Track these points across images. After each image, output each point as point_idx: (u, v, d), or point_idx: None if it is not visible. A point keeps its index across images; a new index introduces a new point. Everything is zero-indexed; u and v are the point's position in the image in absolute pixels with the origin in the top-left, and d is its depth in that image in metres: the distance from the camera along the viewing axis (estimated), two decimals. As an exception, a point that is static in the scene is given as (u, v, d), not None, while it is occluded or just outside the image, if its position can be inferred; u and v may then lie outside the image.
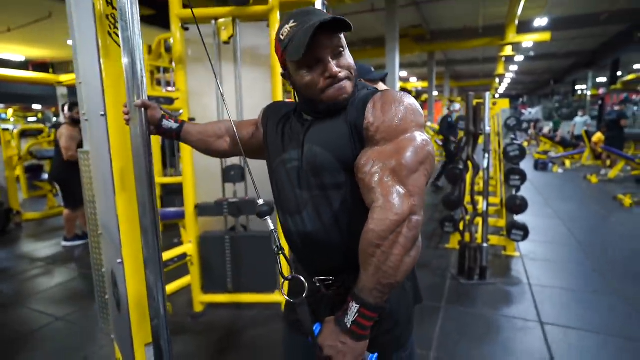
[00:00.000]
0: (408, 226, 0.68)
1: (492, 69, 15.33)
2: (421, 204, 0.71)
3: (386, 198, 0.70)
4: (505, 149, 3.22)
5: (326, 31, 0.77)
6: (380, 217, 0.69)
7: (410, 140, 0.74)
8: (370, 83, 2.01)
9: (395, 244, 0.68)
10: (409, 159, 0.72)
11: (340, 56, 0.82)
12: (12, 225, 4.64)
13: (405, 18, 10.32)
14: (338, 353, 0.75)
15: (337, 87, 0.82)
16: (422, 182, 0.72)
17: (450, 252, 3.60)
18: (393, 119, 0.76)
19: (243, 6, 2.16)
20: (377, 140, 0.77)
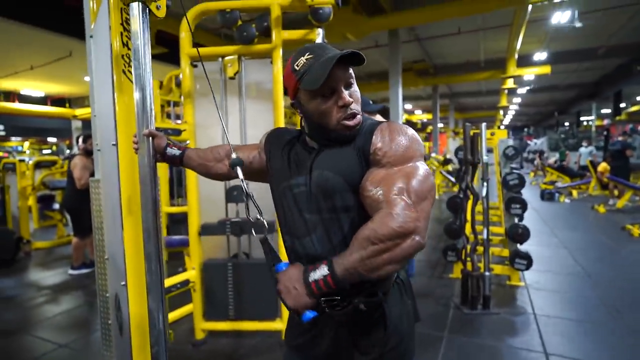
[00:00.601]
0: (410, 243, 0.73)
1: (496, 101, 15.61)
2: (425, 230, 0.76)
3: (394, 209, 0.75)
4: (505, 178, 3.27)
5: (341, 64, 0.85)
6: (384, 222, 0.74)
7: (417, 169, 0.81)
8: (368, 114, 2.11)
9: (389, 251, 0.74)
10: (418, 186, 0.78)
11: (351, 87, 0.90)
12: (21, 254, 4.72)
13: (409, 53, 10.70)
14: (287, 293, 0.82)
15: (354, 121, 0.90)
16: (428, 209, 0.78)
17: (453, 281, 3.57)
18: (400, 146, 0.84)
19: (248, 44, 2.32)
20: (383, 164, 0.84)
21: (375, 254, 0.75)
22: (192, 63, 2.37)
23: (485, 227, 2.95)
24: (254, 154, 1.17)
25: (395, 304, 0.98)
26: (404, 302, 1.01)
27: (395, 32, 8.50)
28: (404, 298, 1.02)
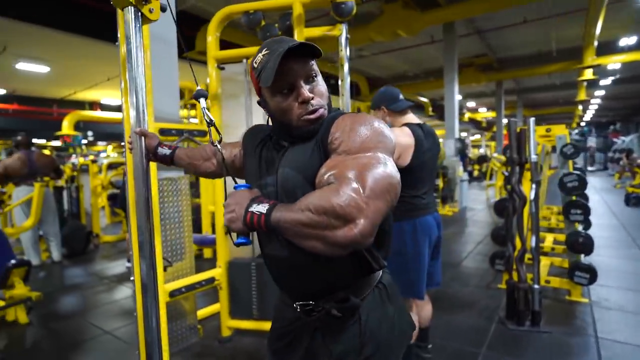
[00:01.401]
0: (346, 232, 0.62)
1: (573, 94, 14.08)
2: (368, 229, 0.63)
3: (341, 187, 0.65)
4: (562, 180, 2.89)
5: (297, 57, 0.81)
6: (327, 195, 0.65)
7: (376, 161, 0.70)
8: (395, 115, 1.98)
9: (320, 228, 0.64)
10: (372, 181, 0.67)
11: (313, 82, 0.85)
12: (91, 246, 5.26)
13: (468, 47, 10.08)
14: (228, 211, 0.76)
15: (315, 115, 0.84)
16: (379, 211, 0.66)
17: (502, 292, 3.24)
18: (360, 135, 0.76)
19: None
20: (339, 152, 0.76)
21: (308, 225, 0.65)
22: (218, 66, 2.43)
23: (534, 234, 2.63)
24: (235, 151, 1.16)
25: (374, 310, 0.90)
26: (385, 309, 0.92)
27: (451, 25, 8.06)
28: (386, 305, 0.92)
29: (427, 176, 1.93)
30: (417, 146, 1.83)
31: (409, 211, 1.89)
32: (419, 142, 1.84)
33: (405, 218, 1.88)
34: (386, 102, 1.97)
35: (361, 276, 0.89)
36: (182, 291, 2.21)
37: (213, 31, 2.38)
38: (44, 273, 4.31)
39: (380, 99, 2.00)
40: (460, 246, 5.10)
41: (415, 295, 1.88)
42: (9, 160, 4.33)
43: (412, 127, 1.87)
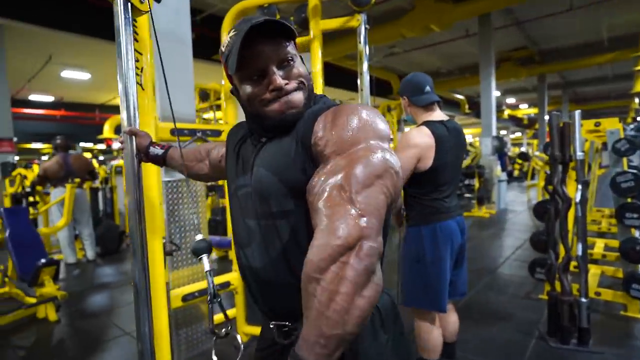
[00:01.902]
0: (358, 255, 0.51)
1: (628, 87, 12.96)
2: (377, 227, 0.54)
3: (330, 219, 0.55)
4: (614, 180, 2.57)
5: (267, 39, 0.70)
6: (320, 243, 0.54)
7: (365, 151, 0.60)
8: (417, 109, 1.80)
9: (340, 279, 0.51)
10: (360, 171, 0.57)
11: (288, 66, 0.73)
12: (124, 245, 5.41)
13: (506, 40, 9.54)
14: None
15: (283, 101, 0.72)
16: (379, 200, 0.56)
17: (543, 304, 2.94)
18: (346, 128, 0.64)
19: (286, 39, 2.22)
20: (327, 156, 0.64)
21: (329, 294, 0.51)
22: (234, 63, 2.36)
23: (580, 241, 2.35)
24: (223, 151, 1.06)
25: (363, 337, 0.74)
26: (376, 336, 0.76)
27: (487, 17, 7.64)
28: (378, 332, 0.77)
29: (450, 177, 1.75)
30: (438, 146, 1.67)
31: (429, 215, 1.72)
32: (440, 142, 1.67)
33: (425, 222, 1.72)
34: (409, 92, 1.80)
35: None
36: (196, 295, 2.15)
37: (227, 27, 2.31)
38: (78, 271, 4.46)
39: (404, 87, 1.83)
40: (496, 251, 4.76)
41: (436, 307, 1.71)
42: (48, 163, 4.52)
43: (432, 126, 1.70)
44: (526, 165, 12.69)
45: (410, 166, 1.66)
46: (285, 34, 0.72)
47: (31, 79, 9.54)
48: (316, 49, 2.15)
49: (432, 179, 1.70)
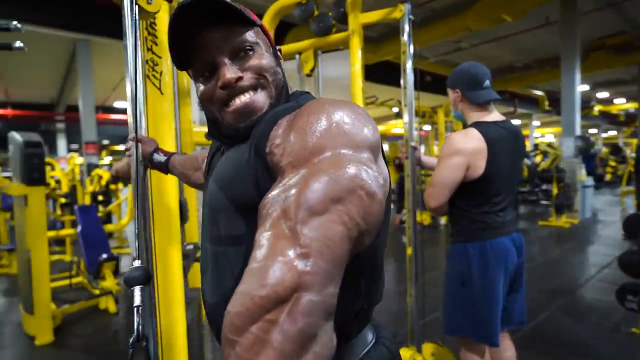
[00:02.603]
0: (291, 312, 0.35)
1: None
2: (325, 272, 0.37)
3: (263, 257, 0.39)
4: None
5: (218, 25, 0.58)
6: (242, 291, 0.37)
7: (328, 163, 0.43)
8: (471, 105, 1.55)
9: (261, 345, 0.34)
10: (313, 192, 0.40)
11: (245, 57, 0.59)
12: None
13: (597, 26, 8.38)
14: None
15: (237, 105, 0.59)
16: (333, 233, 0.39)
17: (635, 339, 2.44)
18: (306, 134, 0.47)
19: (324, 36, 2.09)
20: (283, 169, 0.48)
21: (245, 356, 0.35)
22: (273, 64, 2.30)
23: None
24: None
25: None
26: None
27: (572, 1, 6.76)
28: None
29: (505, 187, 1.48)
30: (491, 150, 1.42)
31: (478, 230, 1.48)
32: (494, 146, 1.42)
33: (473, 239, 1.48)
34: (464, 85, 1.54)
35: None
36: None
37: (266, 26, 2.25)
38: (143, 265, 4.79)
39: (458, 78, 1.58)
40: (576, 269, 4.14)
41: (486, 339, 1.45)
42: (120, 164, 4.93)
43: (483, 128, 1.46)
44: (621, 168, 11.07)
45: (456, 177, 1.44)
46: (238, 17, 0.58)
47: (115, 87, 10.61)
48: (355, 46, 1.99)
49: (483, 189, 1.46)
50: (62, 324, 2.95)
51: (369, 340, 0.63)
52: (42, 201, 2.72)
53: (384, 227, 0.58)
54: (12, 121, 11.40)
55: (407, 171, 1.92)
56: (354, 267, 0.54)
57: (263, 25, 0.63)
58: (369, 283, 0.59)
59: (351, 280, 0.55)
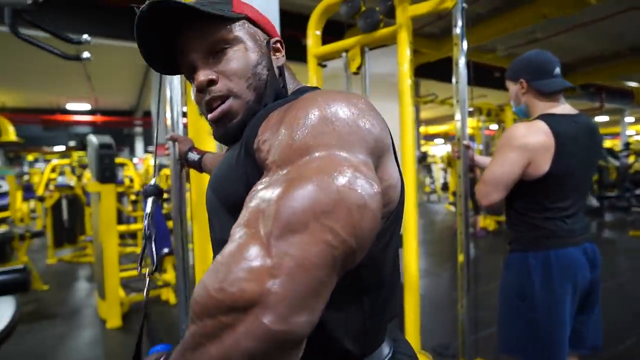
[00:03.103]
0: (249, 328, 0.31)
1: None
2: (292, 299, 0.32)
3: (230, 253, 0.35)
4: None
5: (192, 23, 0.56)
6: (204, 282, 0.34)
7: (315, 168, 0.38)
8: (538, 97, 1.38)
9: (212, 337, 0.32)
10: (293, 202, 0.35)
11: (222, 56, 0.57)
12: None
13: None
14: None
15: (213, 114, 0.57)
16: (311, 254, 0.34)
17: None
18: (294, 130, 0.43)
19: (371, 32, 2.01)
20: (269, 167, 0.44)
21: (196, 344, 0.34)
22: (319, 64, 2.27)
23: None
24: None
25: None
26: None
27: (673, -23, 5.85)
28: None
29: (574, 190, 1.30)
30: (559, 147, 1.26)
31: (541, 239, 1.31)
32: (564, 141, 1.26)
33: (534, 248, 1.32)
34: (530, 74, 1.38)
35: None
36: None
37: (313, 27, 2.24)
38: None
39: (521, 67, 1.42)
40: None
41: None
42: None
43: (551, 120, 1.29)
44: None
45: (513, 174, 1.29)
46: (208, 16, 0.54)
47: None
48: (403, 40, 1.89)
49: (548, 190, 1.30)
50: (129, 310, 3.21)
51: (384, 354, 0.57)
52: (113, 197, 2.99)
53: (392, 239, 0.52)
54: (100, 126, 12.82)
55: (459, 172, 1.78)
56: (354, 284, 0.49)
57: (251, 16, 0.60)
58: (373, 301, 0.52)
59: (352, 299, 0.50)
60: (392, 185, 0.50)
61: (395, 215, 0.52)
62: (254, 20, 0.60)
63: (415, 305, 1.81)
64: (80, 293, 3.93)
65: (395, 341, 0.61)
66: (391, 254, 0.54)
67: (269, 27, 0.62)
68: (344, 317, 0.50)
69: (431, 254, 5.18)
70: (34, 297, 3.69)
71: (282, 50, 0.62)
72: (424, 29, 6.77)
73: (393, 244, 0.54)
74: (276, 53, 0.62)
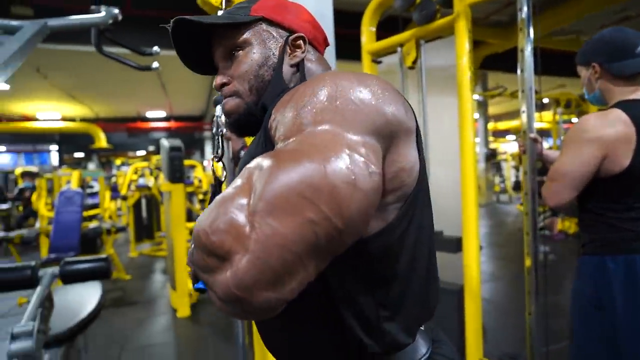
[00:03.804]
0: (218, 279, 0.33)
1: None
2: (252, 275, 0.32)
3: (222, 201, 0.36)
4: None
5: (217, 30, 0.63)
6: (201, 219, 0.36)
7: (308, 144, 0.38)
8: (615, 81, 1.23)
9: (203, 273, 0.36)
10: (279, 180, 0.34)
11: (235, 58, 0.62)
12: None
13: None
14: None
15: (226, 108, 0.64)
16: (289, 229, 0.33)
17: None
18: (297, 106, 0.44)
19: (427, 24, 1.94)
20: (277, 143, 0.45)
21: (195, 259, 0.37)
22: (374, 60, 2.24)
23: None
24: None
25: None
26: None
27: None
28: None
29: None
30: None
31: (622, 242, 1.17)
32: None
33: (613, 251, 1.18)
34: (605, 56, 1.21)
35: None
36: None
37: (367, 23, 2.21)
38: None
39: (594, 49, 1.24)
40: None
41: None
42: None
43: (631, 108, 1.15)
44: None
45: (586, 171, 1.16)
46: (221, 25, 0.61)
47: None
48: (462, 30, 1.79)
49: (630, 186, 1.15)
50: (197, 301, 3.45)
51: (420, 354, 0.55)
52: (182, 196, 3.23)
53: (412, 227, 0.50)
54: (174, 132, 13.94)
55: (526, 167, 1.64)
56: (366, 275, 0.49)
57: (269, 15, 0.61)
58: (389, 293, 0.50)
59: (365, 288, 0.49)
60: (405, 169, 0.47)
61: (413, 201, 0.50)
62: (272, 19, 0.61)
63: (476, 310, 1.70)
64: (156, 284, 4.31)
65: (435, 342, 0.58)
66: (410, 247, 0.50)
67: (297, 23, 0.62)
68: (357, 308, 0.49)
69: (498, 258, 4.84)
70: (120, 286, 4.12)
71: (303, 47, 0.61)
72: (490, 18, 6.36)
73: (413, 234, 0.50)
74: (295, 50, 0.61)
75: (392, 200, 0.48)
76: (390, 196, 0.47)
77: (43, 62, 6.48)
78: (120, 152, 16.19)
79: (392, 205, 0.48)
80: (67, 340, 1.50)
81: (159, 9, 4.74)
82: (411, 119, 0.49)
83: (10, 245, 4.22)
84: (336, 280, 0.48)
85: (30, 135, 14.85)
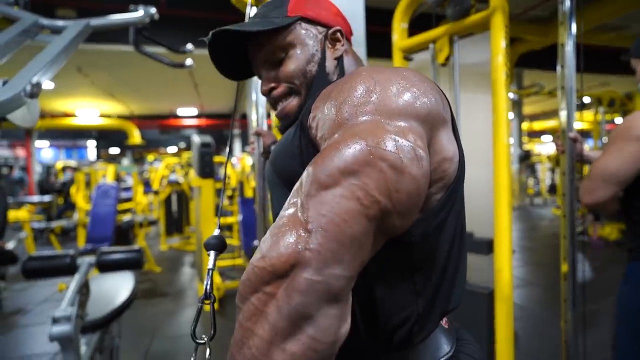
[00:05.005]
0: (286, 289, 0.34)
1: None
2: (328, 250, 0.35)
3: (273, 228, 0.39)
4: None
5: (252, 39, 0.63)
6: (251, 260, 0.39)
7: (348, 134, 0.40)
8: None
9: (258, 315, 0.35)
10: (325, 164, 0.38)
11: (279, 63, 0.62)
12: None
13: None
14: None
15: (277, 112, 0.65)
16: (340, 208, 0.36)
17: None
18: (335, 104, 0.45)
19: (461, 19, 1.88)
20: (319, 144, 0.47)
21: (245, 335, 0.36)
22: (406, 57, 2.20)
23: None
24: None
25: None
26: None
27: None
28: None
29: None
30: None
31: None
32: None
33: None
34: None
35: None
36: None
37: (398, 19, 2.18)
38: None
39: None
40: None
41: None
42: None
43: None
44: None
45: (629, 170, 1.10)
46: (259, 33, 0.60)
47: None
48: (498, 25, 1.72)
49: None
50: (225, 295, 3.52)
51: (444, 351, 0.54)
52: (212, 191, 3.30)
53: (449, 219, 0.50)
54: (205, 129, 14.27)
55: (564, 168, 1.56)
56: (405, 261, 0.48)
57: (306, 13, 0.61)
58: (425, 282, 0.50)
59: (402, 275, 0.49)
60: (447, 159, 0.47)
61: (452, 192, 0.49)
62: (309, 18, 0.61)
63: (508, 315, 1.64)
64: (185, 277, 4.43)
65: (460, 340, 0.57)
66: (448, 237, 0.50)
67: (330, 17, 0.63)
68: (395, 294, 0.49)
69: (532, 263, 4.66)
70: (150, 277, 4.27)
71: (341, 40, 0.62)
72: (529, 13, 6.11)
73: (450, 226, 0.50)
74: (335, 44, 0.62)
75: (434, 190, 0.47)
76: (433, 186, 0.47)
77: (84, 62, 6.80)
78: (153, 148, 16.78)
79: (434, 195, 0.48)
80: (102, 327, 1.57)
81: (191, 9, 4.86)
82: (447, 111, 0.49)
83: (51, 235, 4.47)
84: (375, 266, 0.47)
85: (70, 131, 15.65)
